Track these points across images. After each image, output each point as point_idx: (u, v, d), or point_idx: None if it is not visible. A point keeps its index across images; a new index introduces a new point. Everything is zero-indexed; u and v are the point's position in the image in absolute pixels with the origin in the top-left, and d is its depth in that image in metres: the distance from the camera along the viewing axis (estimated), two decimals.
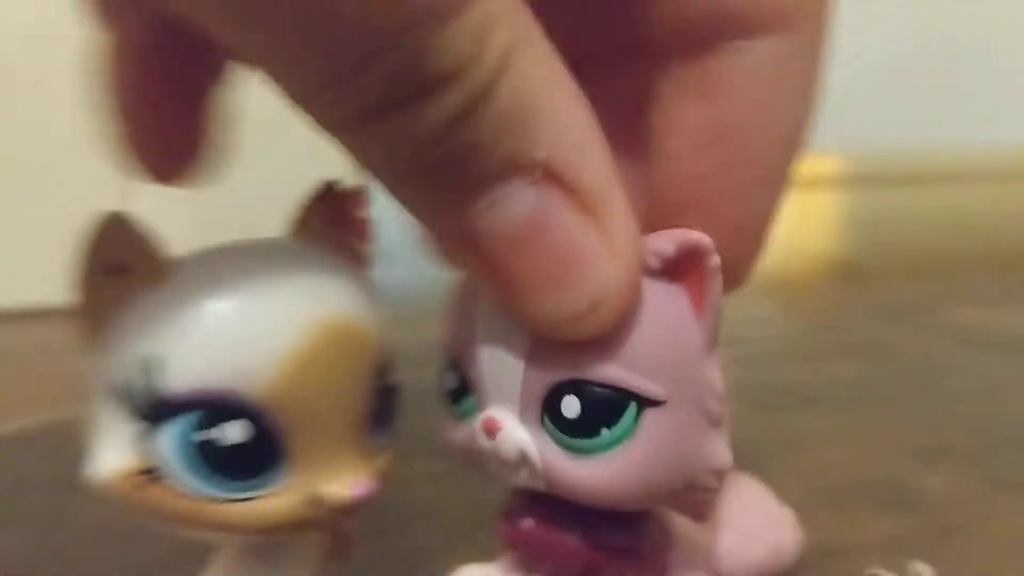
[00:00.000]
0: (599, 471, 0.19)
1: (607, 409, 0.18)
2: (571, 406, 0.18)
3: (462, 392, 0.20)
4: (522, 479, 0.20)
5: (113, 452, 0.16)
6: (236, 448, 0.16)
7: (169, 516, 0.17)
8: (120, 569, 0.25)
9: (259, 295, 0.16)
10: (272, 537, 0.18)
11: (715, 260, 0.18)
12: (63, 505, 0.29)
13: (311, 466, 0.17)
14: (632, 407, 0.18)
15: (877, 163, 1.48)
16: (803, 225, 1.05)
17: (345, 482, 0.17)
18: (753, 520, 0.24)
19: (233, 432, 0.16)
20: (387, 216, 0.19)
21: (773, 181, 0.20)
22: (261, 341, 0.16)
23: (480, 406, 0.20)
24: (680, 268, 0.18)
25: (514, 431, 0.19)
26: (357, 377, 0.17)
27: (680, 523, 0.22)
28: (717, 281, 0.18)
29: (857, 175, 1.48)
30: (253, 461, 0.16)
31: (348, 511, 0.17)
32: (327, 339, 0.17)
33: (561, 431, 0.19)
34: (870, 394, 0.42)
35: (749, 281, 0.21)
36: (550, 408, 0.19)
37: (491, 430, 0.19)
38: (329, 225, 0.19)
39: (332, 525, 0.18)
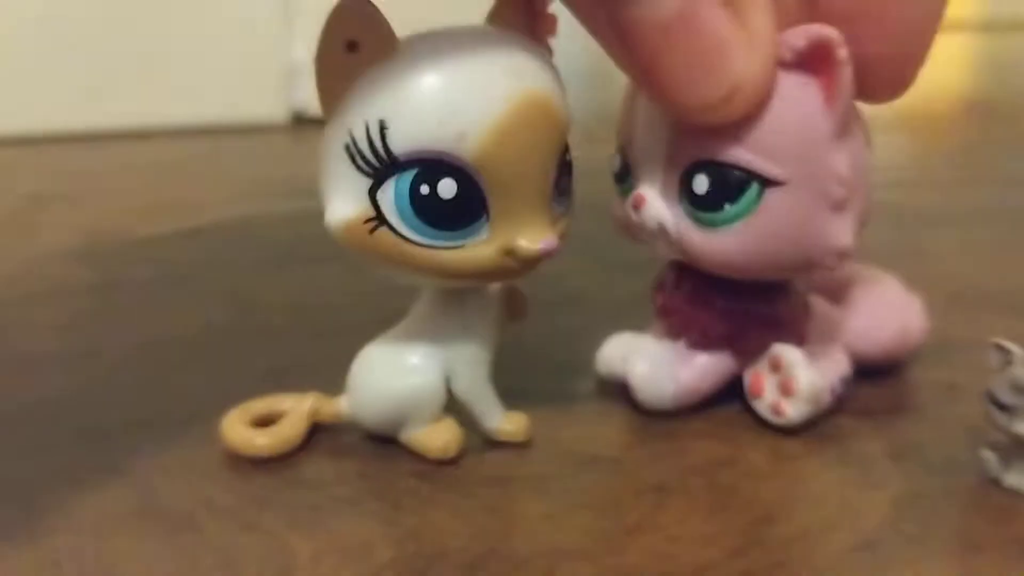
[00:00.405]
0: (722, 242, 0.21)
1: (730, 187, 0.21)
2: (701, 183, 0.21)
3: (625, 173, 0.23)
4: (663, 248, 0.23)
5: (345, 203, 0.19)
6: (447, 202, 0.19)
7: (389, 258, 0.20)
8: (308, 334, 0.29)
9: (471, 70, 0.19)
10: (470, 283, 0.21)
11: (844, 53, 0.20)
12: (252, 286, 0.34)
13: (507, 224, 0.20)
14: (754, 186, 0.21)
15: (1014, 6, 1.40)
16: (942, 66, 1.01)
17: (534, 238, 0.20)
18: (883, 305, 0.26)
19: (446, 188, 0.19)
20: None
21: None
22: (472, 110, 0.18)
23: (635, 184, 0.23)
24: (812, 61, 0.20)
25: (655, 205, 0.22)
26: (550, 148, 0.20)
27: (817, 302, 0.25)
28: (847, 73, 0.20)
29: (995, 18, 1.40)
30: (461, 215, 0.19)
31: (535, 263, 0.20)
32: (527, 111, 0.19)
33: (693, 206, 0.22)
34: (1000, 216, 0.42)
35: (912, 83, 0.22)
36: (685, 186, 0.22)
37: (638, 204, 0.22)
38: (522, 17, 0.21)
39: (521, 275, 0.21)
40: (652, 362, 0.23)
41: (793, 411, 0.22)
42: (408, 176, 0.19)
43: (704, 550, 0.18)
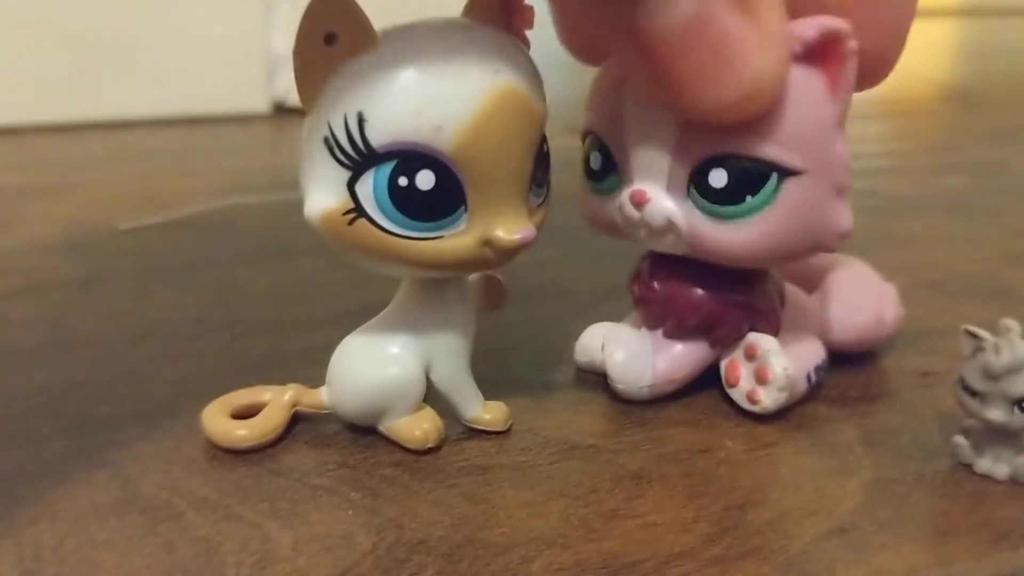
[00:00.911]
0: (742, 234, 0.22)
1: (751, 179, 0.21)
2: (718, 177, 0.21)
3: (605, 171, 0.23)
4: (667, 244, 0.23)
5: (324, 194, 0.19)
6: (425, 193, 0.19)
7: (368, 249, 0.20)
8: (289, 325, 0.29)
9: (449, 63, 0.19)
10: (448, 273, 0.21)
11: (852, 44, 0.20)
12: (232, 277, 0.34)
13: (485, 215, 0.20)
14: (774, 177, 0.21)
15: None
16: (920, 53, 1.01)
17: (512, 228, 0.20)
18: (858, 293, 0.26)
19: (424, 179, 0.19)
20: None
21: None
22: (450, 102, 0.19)
23: (625, 182, 0.23)
24: (820, 52, 0.20)
25: (661, 201, 0.22)
26: (526, 140, 0.20)
27: (792, 291, 0.25)
28: (853, 63, 0.20)
29: (972, 5, 1.41)
30: (439, 206, 0.19)
31: (513, 253, 0.20)
32: (504, 103, 0.19)
33: (708, 200, 0.21)
34: (975, 205, 0.43)
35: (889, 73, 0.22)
36: (697, 180, 0.21)
37: (641, 201, 0.22)
38: (498, 10, 0.21)
39: (498, 265, 0.21)
40: (629, 351, 0.24)
41: (768, 398, 0.23)
42: (386, 168, 0.19)
43: (681, 536, 0.19)
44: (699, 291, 0.23)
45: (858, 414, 0.24)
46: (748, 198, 0.21)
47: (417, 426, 0.22)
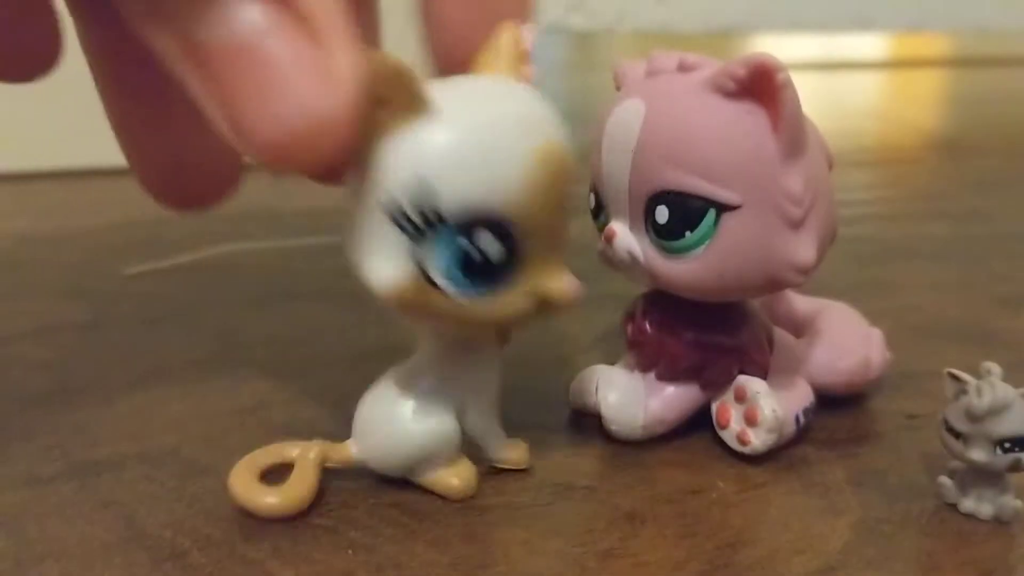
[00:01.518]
0: (687, 268, 0.23)
1: (689, 215, 0.22)
2: (662, 214, 0.22)
3: (599, 209, 0.25)
4: (636, 276, 0.24)
5: (388, 264, 0.19)
6: (490, 259, 0.19)
7: (438, 316, 0.19)
8: (293, 367, 0.30)
9: (505, 125, 0.19)
10: (505, 328, 0.22)
11: (785, 76, 0.21)
12: (237, 320, 0.34)
13: (534, 271, 0.20)
14: (711, 213, 0.22)
15: (979, 44, 1.44)
16: (908, 101, 1.03)
17: (563, 283, 0.20)
18: (845, 337, 0.27)
19: (489, 244, 0.19)
20: None
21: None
22: (510, 164, 0.18)
23: (608, 219, 0.24)
24: (754, 88, 0.21)
25: (624, 237, 0.23)
26: (565, 192, 0.20)
27: (781, 334, 0.26)
28: (790, 95, 0.21)
29: (960, 55, 1.44)
30: (499, 269, 0.19)
31: (565, 307, 0.20)
32: (552, 161, 0.19)
33: (657, 235, 0.23)
34: (960, 251, 0.44)
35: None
36: (649, 216, 0.23)
37: (609, 238, 0.24)
38: (516, 62, 0.21)
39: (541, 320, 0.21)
40: (622, 392, 0.24)
41: (757, 440, 0.23)
42: (453, 235, 0.18)
43: (673, 574, 0.19)
44: (689, 334, 0.24)
45: (846, 456, 0.24)
46: (687, 233, 0.22)
47: (456, 475, 0.22)
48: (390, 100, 0.18)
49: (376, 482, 0.22)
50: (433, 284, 0.19)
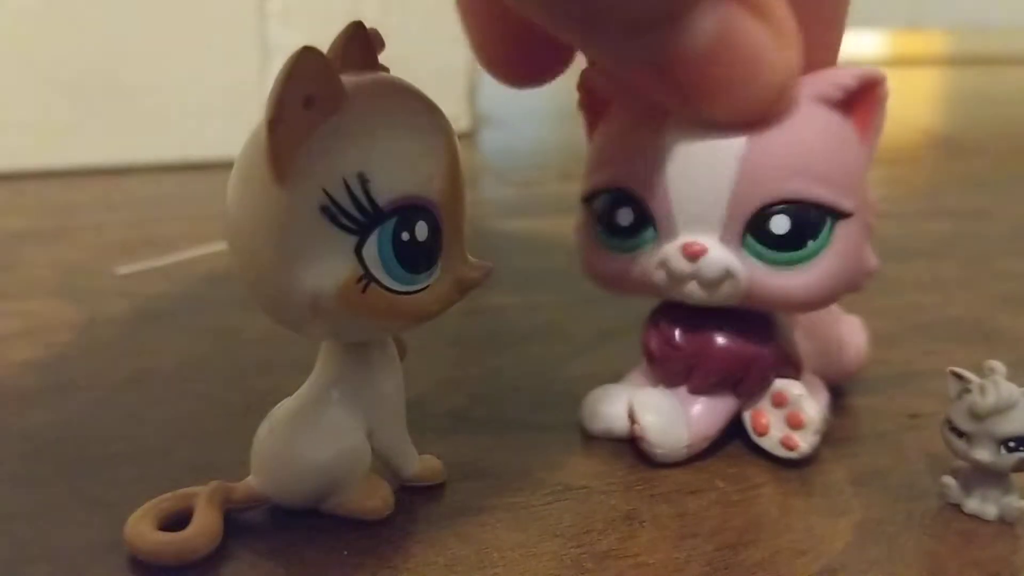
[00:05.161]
0: (800, 279, 0.22)
1: (812, 223, 0.21)
2: (780, 224, 0.21)
3: (638, 226, 0.23)
4: (719, 295, 0.22)
5: (332, 267, 0.18)
6: (422, 244, 0.19)
7: (377, 313, 0.19)
8: (285, 367, 0.29)
9: (422, 116, 0.19)
10: (424, 322, 0.20)
11: (886, 90, 0.21)
12: (229, 320, 0.34)
13: (451, 257, 0.20)
14: (829, 221, 0.21)
15: (978, 41, 1.44)
16: (907, 100, 1.03)
17: (475, 266, 0.20)
18: (834, 329, 0.27)
19: (421, 230, 0.19)
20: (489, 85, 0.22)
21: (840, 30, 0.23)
22: (432, 152, 0.19)
23: (668, 236, 0.22)
24: (855, 98, 0.21)
25: (718, 252, 0.22)
26: (464, 177, 0.20)
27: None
28: (883, 109, 0.22)
29: (959, 52, 1.44)
30: (431, 255, 0.19)
31: (475, 288, 0.20)
32: (457, 148, 0.20)
33: (768, 247, 0.22)
34: (961, 250, 0.44)
35: None
36: (756, 228, 0.21)
37: (695, 254, 0.22)
38: (367, 60, 0.20)
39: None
40: (661, 414, 0.23)
41: (805, 443, 0.23)
42: (389, 225, 0.18)
43: None
44: (725, 344, 0.23)
45: (848, 455, 0.24)
46: (810, 242, 0.21)
47: (371, 495, 0.21)
48: (316, 98, 0.17)
49: None
50: (372, 280, 0.18)
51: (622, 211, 0.23)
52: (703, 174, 0.21)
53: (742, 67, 0.19)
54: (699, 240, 0.22)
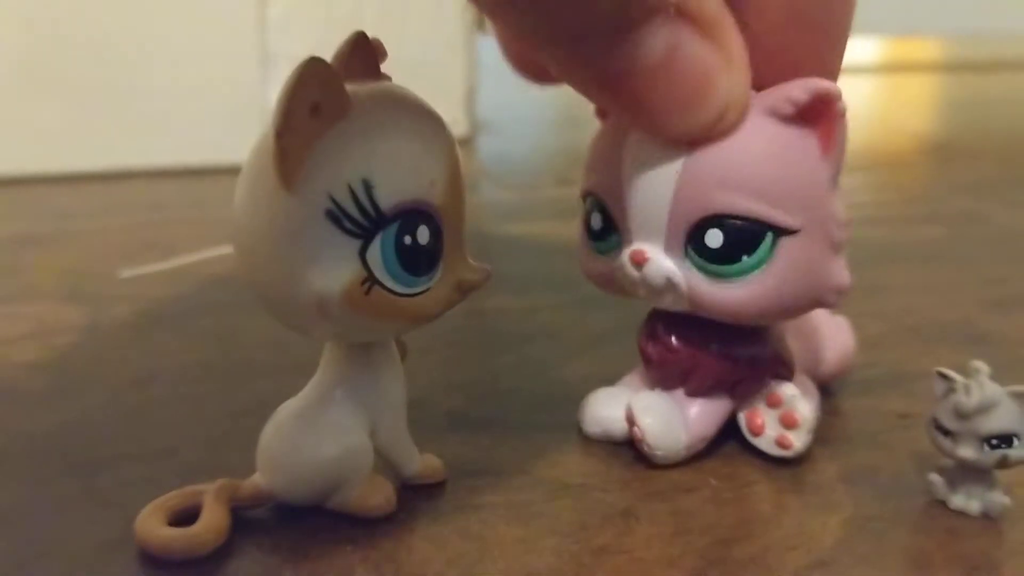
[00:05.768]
0: (739, 293, 0.22)
1: (747, 239, 0.21)
2: (714, 238, 0.22)
3: (606, 231, 0.24)
4: (667, 302, 0.23)
5: (336, 271, 0.19)
6: (424, 247, 0.19)
7: (381, 316, 0.19)
8: (288, 369, 0.30)
9: (424, 120, 0.20)
10: (424, 323, 0.21)
11: (842, 105, 0.21)
12: (232, 322, 0.34)
13: (452, 259, 0.20)
14: (768, 236, 0.21)
15: (972, 48, 1.45)
16: (900, 105, 1.04)
17: (474, 268, 0.21)
18: (826, 330, 0.27)
19: (423, 234, 0.19)
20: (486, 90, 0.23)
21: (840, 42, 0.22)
22: (435, 157, 0.19)
23: (626, 241, 0.23)
24: (811, 113, 0.21)
25: (660, 261, 0.22)
26: (464, 182, 0.21)
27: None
28: (843, 124, 0.21)
29: (952, 59, 1.45)
30: (432, 258, 0.20)
31: (475, 290, 0.21)
32: (457, 151, 0.20)
33: (705, 259, 0.22)
34: (952, 253, 0.44)
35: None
36: (694, 240, 0.22)
37: (640, 261, 0.22)
38: (370, 68, 0.21)
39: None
40: (660, 416, 0.24)
41: (799, 442, 0.23)
42: (392, 230, 0.19)
43: (668, 570, 0.20)
44: (717, 347, 0.24)
45: (838, 454, 0.24)
46: (744, 257, 0.21)
47: (374, 493, 0.21)
48: (322, 106, 0.18)
49: None
50: (375, 282, 0.19)
51: (595, 216, 0.24)
52: (649, 186, 0.22)
53: (688, 87, 0.20)
54: (645, 248, 0.22)
